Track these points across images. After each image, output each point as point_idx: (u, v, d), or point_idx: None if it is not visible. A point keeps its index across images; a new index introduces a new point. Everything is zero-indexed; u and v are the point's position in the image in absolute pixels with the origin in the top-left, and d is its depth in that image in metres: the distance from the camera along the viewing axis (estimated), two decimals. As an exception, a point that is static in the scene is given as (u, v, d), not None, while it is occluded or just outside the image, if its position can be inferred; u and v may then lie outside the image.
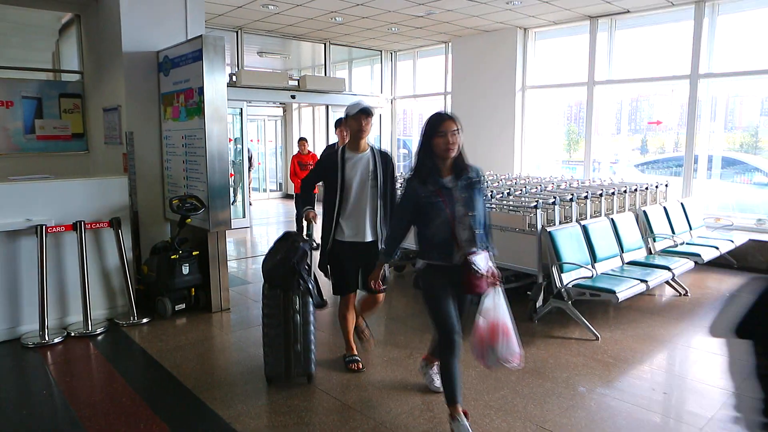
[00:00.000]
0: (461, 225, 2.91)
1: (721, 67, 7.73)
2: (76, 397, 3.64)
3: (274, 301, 3.66)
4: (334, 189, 3.72)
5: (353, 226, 3.73)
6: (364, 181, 3.71)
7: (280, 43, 11.33)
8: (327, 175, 3.81)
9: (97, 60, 6.12)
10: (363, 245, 3.75)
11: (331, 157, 3.78)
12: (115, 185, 5.16)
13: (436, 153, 2.93)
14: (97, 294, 4.99)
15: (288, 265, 3.61)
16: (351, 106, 3.71)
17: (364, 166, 3.73)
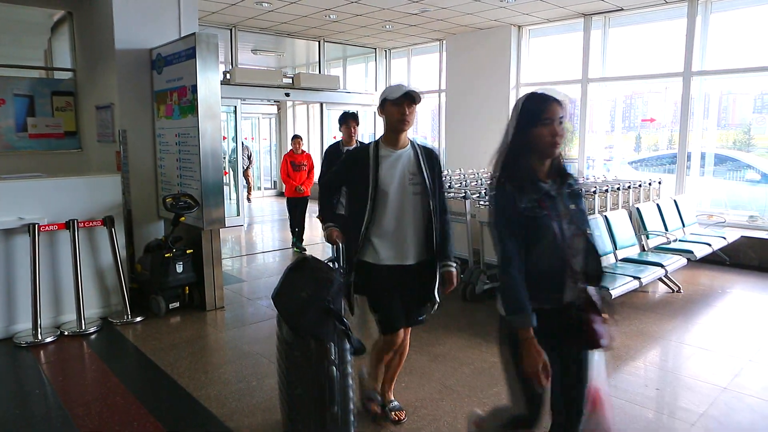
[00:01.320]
0: (572, 249, 2.08)
1: (713, 65, 7.77)
2: (69, 396, 3.63)
3: (302, 352, 2.65)
4: (363, 196, 2.85)
5: (391, 245, 2.88)
6: (404, 185, 2.87)
7: (274, 41, 11.31)
8: (353, 177, 2.96)
9: (90, 57, 6.09)
10: (403, 270, 2.90)
11: (360, 154, 2.95)
12: (108, 183, 5.14)
13: (536, 148, 2.08)
14: (90, 293, 4.97)
15: (321, 305, 2.63)
16: (391, 89, 2.89)
17: (405, 166, 2.89)
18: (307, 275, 2.74)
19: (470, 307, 5.37)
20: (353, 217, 2.92)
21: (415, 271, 2.92)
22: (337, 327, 2.63)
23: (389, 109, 2.86)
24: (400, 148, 2.92)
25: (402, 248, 2.89)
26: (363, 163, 2.88)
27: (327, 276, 2.68)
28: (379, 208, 2.85)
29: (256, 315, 5.26)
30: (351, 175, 2.99)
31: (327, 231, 2.95)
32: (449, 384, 3.72)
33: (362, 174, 2.87)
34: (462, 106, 10.30)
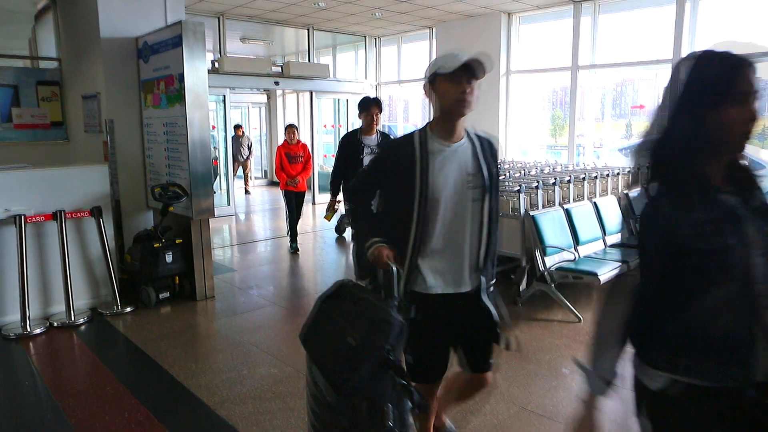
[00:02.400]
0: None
1: (702, 51, 7.78)
2: (59, 387, 3.62)
3: (350, 419, 1.91)
4: (408, 204, 2.15)
5: (445, 267, 2.21)
6: (463, 190, 2.17)
7: (263, 30, 11.20)
8: (393, 179, 2.24)
9: (75, 46, 6.01)
10: (461, 299, 2.24)
11: (402, 149, 2.23)
12: (96, 174, 5.10)
13: (719, 140, 1.34)
14: (79, 284, 4.95)
15: (377, 356, 1.85)
16: (445, 59, 2.12)
17: (463, 164, 2.19)
18: (352, 311, 1.97)
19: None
20: (390, 232, 2.21)
21: (473, 298, 2.26)
22: (397, 382, 1.90)
23: (442, 87, 2.13)
24: (455, 141, 2.21)
25: (459, 271, 2.22)
26: (407, 160, 2.17)
27: (382, 314, 1.89)
28: (429, 220, 2.16)
29: (246, 304, 5.26)
30: (390, 176, 2.25)
31: (374, 251, 2.15)
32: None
33: (405, 175, 2.16)
34: (452, 94, 10.27)
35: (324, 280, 6.09)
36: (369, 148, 4.88)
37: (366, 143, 4.91)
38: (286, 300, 5.36)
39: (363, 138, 4.95)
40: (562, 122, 10.19)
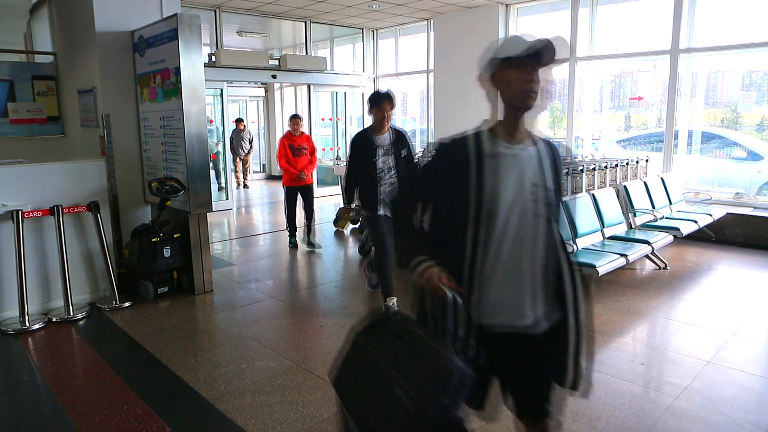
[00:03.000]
0: None
1: (701, 42, 7.75)
2: (58, 382, 3.62)
3: None
4: (462, 219, 1.78)
5: (507, 295, 1.82)
6: (529, 202, 1.80)
7: (260, 22, 11.14)
8: (445, 188, 1.85)
9: (70, 41, 5.98)
10: (524, 337, 1.86)
11: (457, 151, 1.82)
12: (92, 168, 5.08)
13: None
14: (78, 279, 4.94)
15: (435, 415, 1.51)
16: (508, 43, 1.81)
17: (529, 170, 1.81)
18: (398, 349, 1.58)
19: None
20: (441, 252, 1.81)
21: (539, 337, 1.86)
22: None
23: (506, 75, 1.78)
24: (519, 142, 1.83)
25: (524, 300, 1.83)
26: (459, 165, 1.80)
27: (440, 359, 1.49)
28: (489, 238, 1.77)
29: (245, 298, 5.26)
30: (442, 184, 1.85)
31: (424, 273, 1.75)
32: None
33: (458, 183, 1.79)
34: (450, 86, 10.24)
35: (322, 273, 6.09)
36: (382, 149, 4.47)
37: (378, 143, 4.47)
38: (284, 294, 5.36)
39: (374, 137, 4.48)
40: (560, 114, 10.16)
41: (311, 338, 4.26)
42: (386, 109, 4.40)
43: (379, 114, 4.42)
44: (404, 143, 4.54)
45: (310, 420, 3.05)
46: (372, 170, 4.44)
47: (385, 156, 4.46)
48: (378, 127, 4.49)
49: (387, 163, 4.46)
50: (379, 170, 4.44)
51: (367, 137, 4.51)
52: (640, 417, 3.06)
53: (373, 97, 4.52)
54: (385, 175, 4.45)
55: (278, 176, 15.03)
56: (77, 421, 3.10)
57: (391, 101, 4.43)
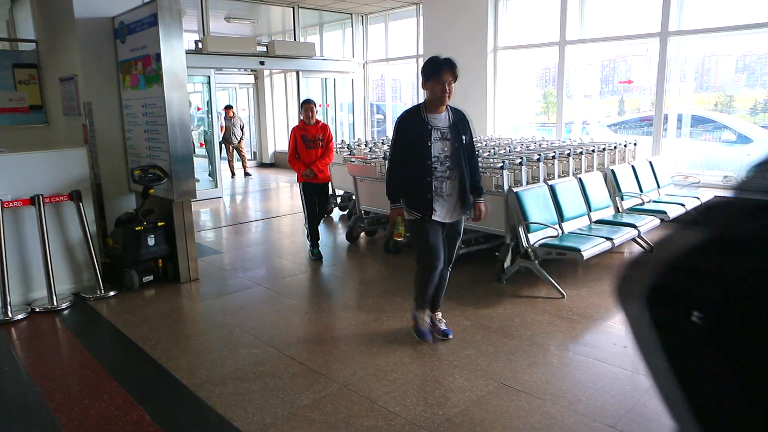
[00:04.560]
0: None
1: (691, 25, 7.70)
2: (39, 371, 3.61)
3: None
4: None
5: None
6: None
7: (248, 8, 11.03)
8: None
9: (51, 27, 5.89)
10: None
11: None
12: (74, 157, 5.03)
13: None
14: (61, 268, 4.91)
15: None
16: None
17: None
18: None
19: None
20: None
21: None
22: None
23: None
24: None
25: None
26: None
27: None
28: None
29: (231, 286, 5.24)
30: None
31: None
32: (420, 348, 3.75)
33: None
34: (440, 71, 10.17)
35: (310, 260, 6.06)
36: (439, 132, 3.53)
37: (434, 124, 3.54)
38: (271, 281, 5.34)
39: (429, 117, 3.56)
40: (554, 99, 10.11)
41: (296, 325, 4.25)
42: (447, 80, 3.44)
43: (437, 87, 3.46)
44: (466, 126, 3.63)
45: (290, 406, 3.05)
46: (425, 158, 3.49)
47: (443, 141, 3.53)
48: (435, 103, 3.55)
49: (444, 150, 3.52)
50: (434, 158, 3.51)
51: (421, 116, 3.56)
52: (619, 399, 3.07)
53: (428, 65, 3.52)
54: (441, 166, 3.52)
55: (269, 164, 14.98)
56: (57, 411, 3.09)
57: (452, 70, 3.46)
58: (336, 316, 4.39)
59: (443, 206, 3.56)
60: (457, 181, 3.58)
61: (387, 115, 13.14)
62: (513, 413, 2.95)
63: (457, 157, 3.53)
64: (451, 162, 3.54)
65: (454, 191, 3.59)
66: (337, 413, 2.98)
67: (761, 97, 8.34)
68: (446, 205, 3.57)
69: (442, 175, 3.54)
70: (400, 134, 3.61)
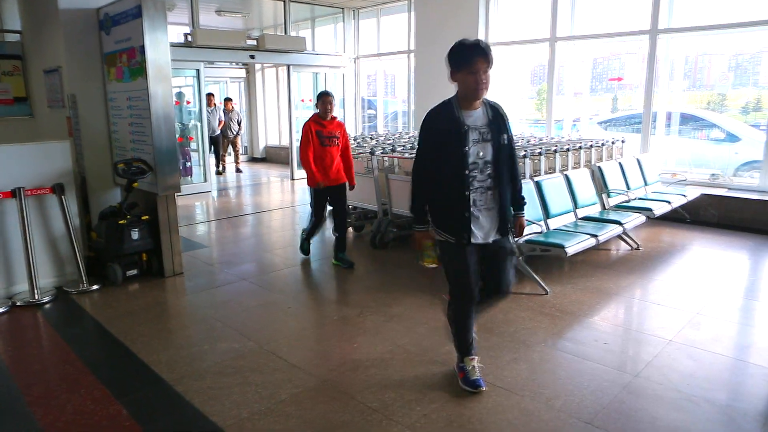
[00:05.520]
0: None
1: (681, 22, 7.71)
2: (17, 366, 3.58)
3: None
4: None
5: None
6: None
7: (239, 2, 10.97)
8: None
9: (35, 18, 5.83)
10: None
11: None
12: (57, 150, 4.98)
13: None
14: (43, 262, 4.88)
15: None
16: None
17: None
18: None
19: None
20: None
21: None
22: None
23: None
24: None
25: None
26: None
27: None
28: None
29: (215, 280, 5.22)
30: None
31: None
32: (401, 343, 3.75)
33: None
34: (431, 66, 10.13)
35: (295, 255, 6.05)
36: (477, 132, 2.86)
37: (470, 123, 2.86)
38: (255, 275, 5.32)
39: (464, 115, 2.87)
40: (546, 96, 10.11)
41: (278, 320, 4.24)
42: (480, 69, 2.74)
43: (470, 79, 2.76)
44: (504, 124, 2.95)
45: (268, 401, 3.04)
46: (461, 166, 2.84)
47: (482, 143, 2.87)
48: (468, 98, 2.85)
49: (483, 155, 2.87)
50: (470, 166, 2.85)
51: (453, 113, 2.87)
52: (597, 395, 3.08)
53: (457, 53, 2.81)
54: (480, 174, 2.88)
55: (261, 158, 14.93)
56: (33, 405, 3.07)
57: (486, 56, 2.76)
58: (319, 311, 4.38)
59: (483, 224, 2.92)
60: (498, 192, 2.92)
61: (378, 111, 13.11)
62: (490, 409, 2.95)
63: (499, 161, 2.89)
64: (493, 168, 2.89)
65: (496, 204, 2.94)
66: (314, 408, 2.97)
67: (753, 96, 8.38)
68: (487, 223, 2.92)
69: (482, 186, 2.88)
70: (429, 137, 2.92)
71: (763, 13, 6.87)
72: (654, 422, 2.82)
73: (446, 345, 3.68)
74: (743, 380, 3.31)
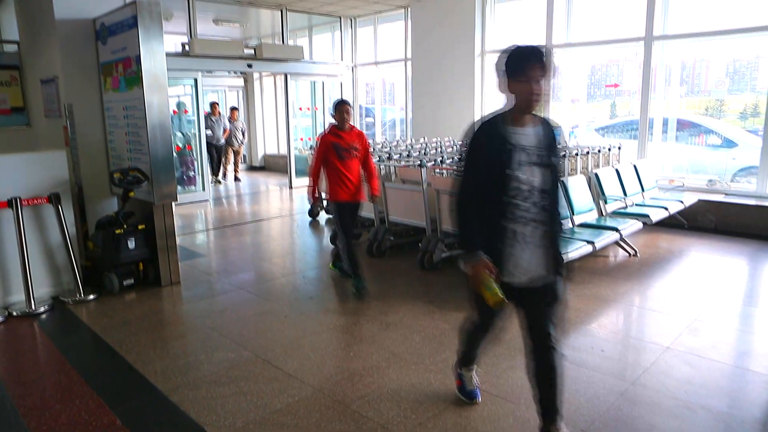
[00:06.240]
0: None
1: (676, 29, 7.74)
2: (12, 376, 3.57)
3: None
4: None
5: None
6: None
7: (237, 11, 11.01)
8: None
9: (32, 28, 5.85)
10: None
11: None
12: (53, 159, 4.99)
13: None
14: (40, 272, 4.87)
15: None
16: None
17: None
18: None
19: (427, 275, 5.37)
20: None
21: None
22: None
23: None
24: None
25: None
26: None
27: None
28: None
29: (211, 289, 5.21)
30: None
31: None
32: (398, 352, 3.73)
33: None
34: (428, 74, 10.19)
35: (292, 264, 6.05)
36: (524, 152, 2.37)
37: (516, 141, 2.37)
38: (252, 285, 5.32)
39: (511, 131, 2.38)
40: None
41: (274, 329, 4.23)
42: (534, 77, 2.28)
43: (525, 88, 2.30)
44: (555, 143, 2.49)
45: (262, 410, 3.03)
46: (504, 189, 2.38)
47: (529, 166, 2.37)
48: (522, 112, 2.38)
49: (532, 179, 2.38)
50: (512, 191, 2.38)
51: (497, 129, 2.40)
52: (594, 403, 3.06)
53: (514, 58, 2.33)
54: (524, 202, 2.39)
55: (259, 167, 14.94)
56: (26, 416, 3.05)
57: (542, 64, 2.29)
58: (315, 320, 4.37)
59: (521, 262, 2.45)
60: (546, 226, 2.46)
61: (376, 118, 13.14)
62: (486, 417, 2.93)
63: (550, 189, 2.44)
64: (541, 197, 2.41)
65: (545, 240, 2.46)
66: (309, 417, 2.96)
67: (751, 102, 8.40)
68: (529, 262, 2.45)
69: (525, 216, 2.41)
70: (473, 153, 2.47)
71: (759, 20, 6.90)
72: (651, 430, 2.80)
73: (442, 353, 3.68)
74: (741, 387, 3.30)
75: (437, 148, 7.50)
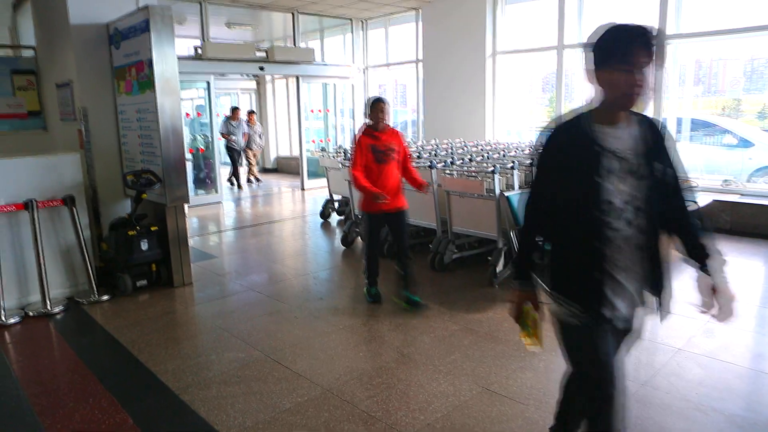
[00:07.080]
0: None
1: (688, 28, 7.66)
2: (28, 375, 3.63)
3: None
4: None
5: None
6: None
7: (249, 14, 11.10)
8: None
9: (47, 33, 5.95)
10: None
11: None
12: (68, 162, 5.07)
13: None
14: (55, 273, 4.94)
15: None
16: None
17: None
18: None
19: (437, 276, 5.37)
20: None
21: None
22: None
23: None
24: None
25: None
26: None
27: None
28: None
29: (223, 290, 5.25)
30: None
31: None
32: (407, 352, 3.74)
33: None
34: (439, 75, 10.19)
35: (303, 265, 6.07)
36: (616, 160, 1.89)
37: (607, 143, 1.90)
38: (263, 286, 5.35)
39: (600, 132, 1.91)
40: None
41: (284, 329, 4.25)
42: (637, 64, 1.81)
43: (620, 78, 1.83)
44: (664, 150, 2.00)
45: (272, 410, 3.05)
46: (592, 204, 1.90)
47: (623, 175, 1.90)
48: (613, 107, 1.90)
49: (625, 191, 1.91)
50: (606, 205, 1.90)
51: (582, 130, 1.93)
52: (603, 404, 3.04)
53: (609, 40, 1.91)
54: (617, 219, 1.91)
55: (272, 169, 15.03)
56: (41, 414, 3.10)
57: (648, 49, 1.84)
58: (325, 320, 4.39)
59: (624, 293, 1.99)
60: (644, 247, 1.99)
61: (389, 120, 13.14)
62: (494, 418, 2.93)
63: (651, 204, 1.93)
64: (637, 212, 1.92)
65: (639, 263, 2.00)
66: (318, 417, 2.97)
67: (769, 101, 8.30)
68: (629, 291, 2.00)
69: (619, 235, 1.92)
70: (548, 160, 2.03)
71: (772, 18, 6.81)
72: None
73: (452, 354, 3.68)
74: (754, 390, 3.26)
75: (447, 149, 7.49)
